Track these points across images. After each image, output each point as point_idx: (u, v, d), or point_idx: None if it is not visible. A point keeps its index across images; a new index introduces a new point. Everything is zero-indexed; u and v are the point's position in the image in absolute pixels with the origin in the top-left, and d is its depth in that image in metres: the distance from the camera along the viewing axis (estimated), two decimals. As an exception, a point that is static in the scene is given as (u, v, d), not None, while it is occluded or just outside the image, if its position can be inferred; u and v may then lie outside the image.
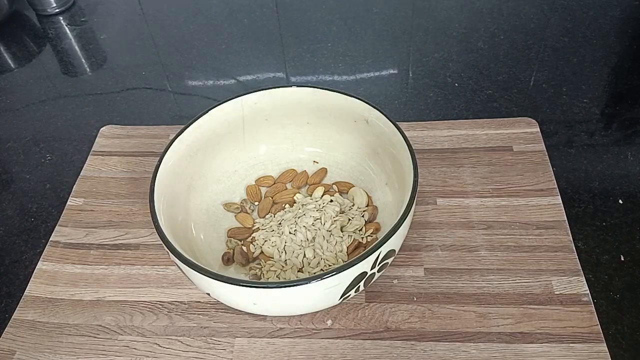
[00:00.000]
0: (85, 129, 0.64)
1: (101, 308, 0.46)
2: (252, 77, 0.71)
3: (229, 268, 0.47)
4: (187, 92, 0.69)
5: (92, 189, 0.56)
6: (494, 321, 0.43)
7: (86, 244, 0.51)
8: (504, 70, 0.67)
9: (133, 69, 0.73)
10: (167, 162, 0.45)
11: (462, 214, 0.50)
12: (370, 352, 0.42)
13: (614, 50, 0.69)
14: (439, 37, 0.74)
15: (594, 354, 0.40)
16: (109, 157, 0.59)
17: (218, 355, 0.43)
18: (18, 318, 0.46)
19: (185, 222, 0.47)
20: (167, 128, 0.62)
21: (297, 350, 0.43)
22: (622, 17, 0.74)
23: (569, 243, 0.48)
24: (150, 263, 0.49)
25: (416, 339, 0.43)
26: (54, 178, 0.59)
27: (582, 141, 0.58)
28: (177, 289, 0.47)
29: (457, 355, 0.41)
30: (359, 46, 0.73)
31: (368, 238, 0.48)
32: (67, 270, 0.49)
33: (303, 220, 0.48)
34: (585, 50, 0.69)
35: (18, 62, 0.77)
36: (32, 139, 0.64)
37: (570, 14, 0.75)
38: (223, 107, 0.49)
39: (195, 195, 0.50)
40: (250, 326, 0.44)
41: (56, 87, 0.72)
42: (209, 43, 0.76)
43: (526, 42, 0.70)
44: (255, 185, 0.53)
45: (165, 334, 0.44)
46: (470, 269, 0.47)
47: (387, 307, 0.45)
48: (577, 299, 0.44)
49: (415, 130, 0.58)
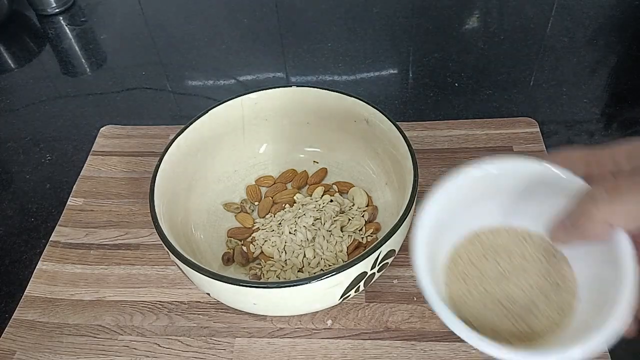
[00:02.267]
0: (85, 129, 0.64)
1: (101, 308, 0.46)
2: (252, 77, 0.71)
3: (229, 268, 0.47)
4: (187, 92, 0.69)
5: (92, 189, 0.56)
6: (494, 321, 0.43)
7: (86, 244, 0.51)
8: (504, 70, 0.67)
9: (133, 69, 0.73)
10: (167, 162, 0.45)
11: (462, 214, 0.50)
12: (370, 352, 0.42)
13: (614, 50, 0.69)
14: (439, 37, 0.74)
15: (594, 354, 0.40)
16: (109, 157, 0.59)
17: (218, 355, 0.43)
18: (18, 318, 0.46)
19: (185, 222, 0.47)
20: (167, 128, 0.62)
21: (297, 350, 0.43)
22: (622, 17, 0.74)
23: (569, 243, 0.47)
24: (150, 263, 0.49)
25: (416, 339, 0.43)
26: (54, 178, 0.59)
27: (582, 141, 0.58)
28: (177, 289, 0.47)
29: (457, 355, 0.41)
30: (359, 46, 0.73)
31: (368, 238, 0.48)
32: (67, 270, 0.49)
33: (303, 220, 0.48)
34: (585, 50, 0.69)
35: (18, 62, 0.77)
36: (32, 139, 0.64)
37: (570, 14, 0.75)
38: (223, 107, 0.49)
39: (195, 195, 0.50)
40: (250, 326, 0.44)
41: (56, 87, 0.72)
42: (209, 43, 0.76)
43: (526, 42, 0.70)
44: (255, 185, 0.53)
45: (165, 334, 0.44)
46: (470, 269, 0.47)
47: (387, 307, 0.45)
48: (577, 299, 0.44)
49: (415, 130, 0.58)
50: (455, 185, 0.31)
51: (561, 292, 0.31)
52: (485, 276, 0.32)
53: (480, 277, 0.32)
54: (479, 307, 0.31)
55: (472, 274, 0.32)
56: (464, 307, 0.31)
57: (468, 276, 0.32)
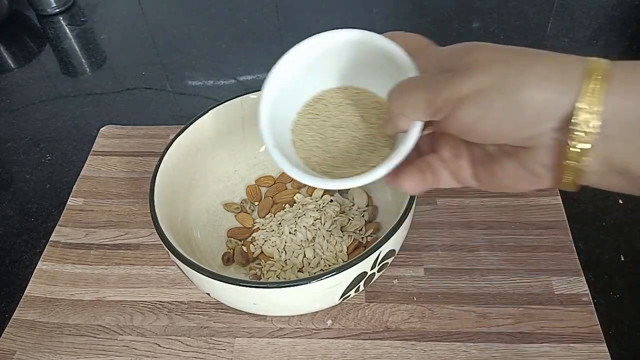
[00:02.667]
0: (85, 129, 0.64)
1: (101, 308, 0.46)
2: (252, 77, 0.71)
3: (229, 268, 0.47)
4: (187, 92, 0.69)
5: (92, 189, 0.56)
6: (494, 321, 0.43)
7: (86, 244, 0.51)
8: (504, 70, 0.67)
9: (133, 69, 0.73)
10: (167, 162, 0.45)
11: (462, 213, 0.50)
12: (370, 352, 0.42)
13: (614, 50, 0.69)
14: (439, 37, 0.73)
15: (594, 354, 0.40)
16: (109, 157, 0.59)
17: (218, 355, 0.43)
18: (18, 318, 0.46)
19: (185, 222, 0.47)
20: (167, 128, 0.62)
21: (297, 350, 0.43)
22: (622, 17, 0.74)
23: (569, 243, 0.48)
24: (150, 263, 0.49)
25: (416, 339, 0.43)
26: (54, 178, 0.59)
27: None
28: (177, 289, 0.47)
29: (457, 355, 0.41)
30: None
31: (368, 238, 0.48)
32: (67, 270, 0.49)
33: (303, 220, 0.48)
34: (585, 50, 0.69)
35: (18, 62, 0.77)
36: (32, 139, 0.64)
37: (570, 14, 0.75)
38: (223, 107, 0.49)
39: (195, 195, 0.50)
40: (250, 326, 0.44)
41: (56, 87, 0.72)
42: (209, 43, 0.76)
43: (526, 42, 0.70)
44: (255, 185, 0.53)
45: (165, 334, 0.44)
46: (470, 269, 0.47)
47: (387, 307, 0.45)
48: (577, 298, 0.44)
49: (415, 130, 0.58)
50: (300, 52, 0.35)
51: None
52: (325, 128, 0.36)
53: (322, 128, 0.36)
54: (323, 155, 0.36)
55: (315, 126, 0.37)
56: (311, 159, 0.36)
57: (312, 130, 0.37)
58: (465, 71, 0.26)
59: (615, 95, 0.23)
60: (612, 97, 0.23)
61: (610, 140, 0.24)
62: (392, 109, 0.30)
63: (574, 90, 0.24)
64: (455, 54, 0.28)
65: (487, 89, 0.25)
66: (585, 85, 0.23)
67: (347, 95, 0.37)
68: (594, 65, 0.24)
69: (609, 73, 0.24)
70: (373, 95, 0.36)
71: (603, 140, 0.24)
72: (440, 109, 0.27)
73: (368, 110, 0.36)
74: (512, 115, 0.25)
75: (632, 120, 0.24)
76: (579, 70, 0.24)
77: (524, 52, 0.26)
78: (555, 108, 0.24)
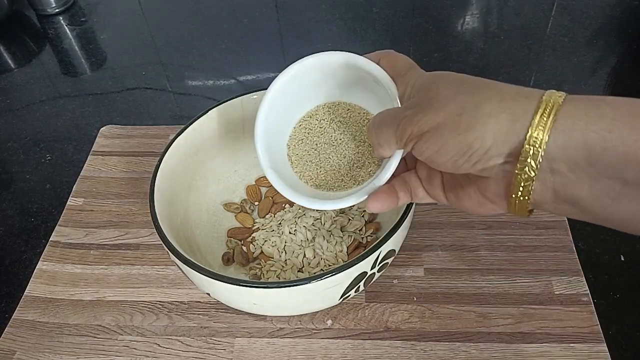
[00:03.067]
0: (85, 129, 0.65)
1: (101, 308, 0.46)
2: (252, 77, 0.71)
3: (229, 268, 0.47)
4: (187, 92, 0.69)
5: (92, 189, 0.56)
6: (494, 321, 0.43)
7: (86, 244, 0.51)
8: (504, 70, 0.67)
9: (133, 69, 0.73)
10: (167, 162, 0.45)
11: (462, 213, 0.50)
12: (370, 352, 0.42)
13: (614, 50, 0.69)
14: (439, 37, 0.74)
15: (594, 354, 0.40)
16: (109, 157, 0.59)
17: (218, 355, 0.43)
18: (18, 318, 0.46)
19: (185, 222, 0.47)
20: (167, 128, 0.62)
21: (297, 350, 0.43)
22: (622, 17, 0.74)
23: (569, 243, 0.48)
24: (150, 263, 0.49)
25: (416, 339, 0.43)
26: (54, 178, 0.59)
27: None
28: (177, 289, 0.47)
29: (457, 355, 0.41)
30: (359, 46, 0.73)
31: (368, 238, 0.48)
32: (67, 270, 0.49)
33: (303, 220, 0.48)
34: (585, 50, 0.69)
35: (18, 62, 0.77)
36: (32, 139, 0.64)
37: (570, 14, 0.75)
38: (223, 107, 0.49)
39: (195, 195, 0.50)
40: (250, 326, 0.44)
41: (56, 87, 0.72)
42: (209, 43, 0.76)
43: (526, 42, 0.70)
44: (255, 185, 0.53)
45: (165, 334, 0.44)
46: (470, 269, 0.47)
47: (387, 307, 0.45)
48: (577, 299, 0.44)
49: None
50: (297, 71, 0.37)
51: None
52: (319, 144, 0.40)
53: (316, 145, 0.40)
54: (316, 170, 0.39)
55: (309, 141, 0.40)
56: (305, 173, 0.39)
57: (306, 144, 0.40)
58: (426, 107, 0.28)
59: (560, 132, 0.24)
60: (557, 134, 0.24)
61: (558, 174, 0.25)
62: (372, 141, 0.33)
63: (524, 127, 0.25)
64: (423, 86, 0.31)
65: (442, 126, 0.27)
66: (533, 122, 0.25)
67: (339, 112, 0.40)
68: (547, 101, 0.25)
69: (559, 109, 0.24)
70: (365, 113, 0.39)
71: (551, 173, 0.25)
72: (407, 142, 0.30)
73: (359, 128, 0.39)
74: (464, 151, 0.27)
75: (576, 157, 0.24)
76: (531, 106, 0.25)
77: (482, 88, 0.28)
78: (504, 144, 0.26)
